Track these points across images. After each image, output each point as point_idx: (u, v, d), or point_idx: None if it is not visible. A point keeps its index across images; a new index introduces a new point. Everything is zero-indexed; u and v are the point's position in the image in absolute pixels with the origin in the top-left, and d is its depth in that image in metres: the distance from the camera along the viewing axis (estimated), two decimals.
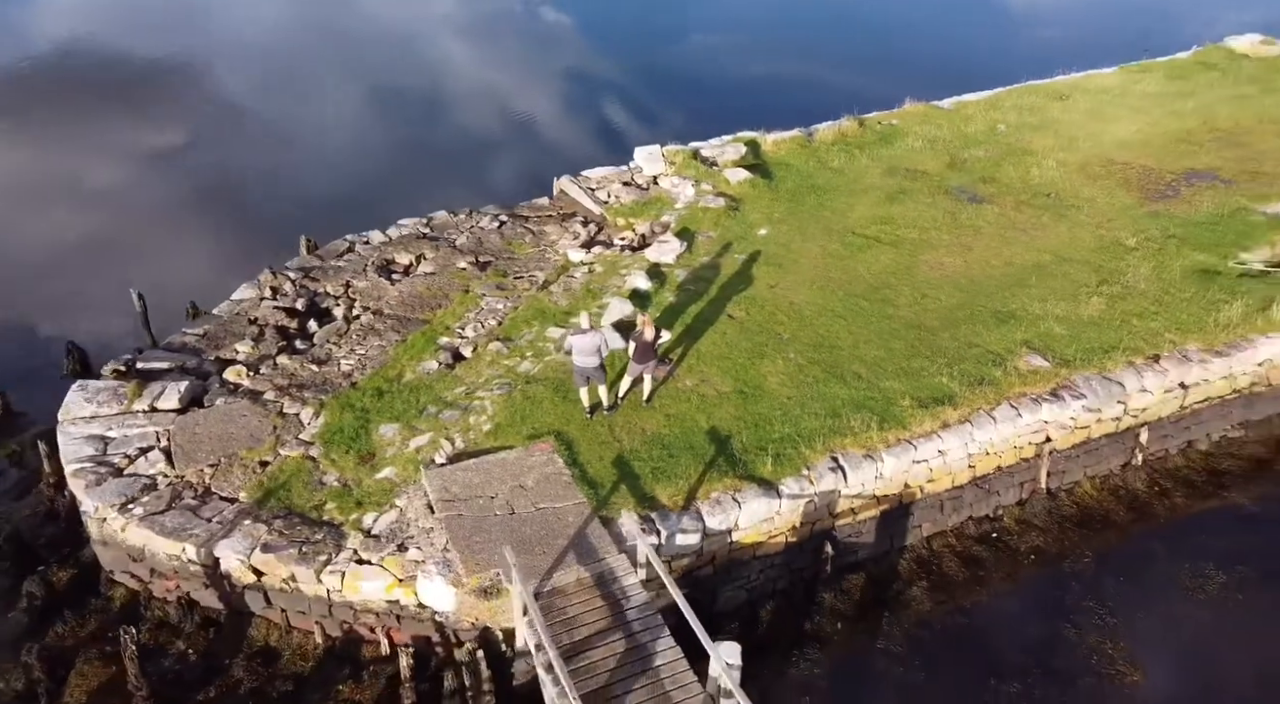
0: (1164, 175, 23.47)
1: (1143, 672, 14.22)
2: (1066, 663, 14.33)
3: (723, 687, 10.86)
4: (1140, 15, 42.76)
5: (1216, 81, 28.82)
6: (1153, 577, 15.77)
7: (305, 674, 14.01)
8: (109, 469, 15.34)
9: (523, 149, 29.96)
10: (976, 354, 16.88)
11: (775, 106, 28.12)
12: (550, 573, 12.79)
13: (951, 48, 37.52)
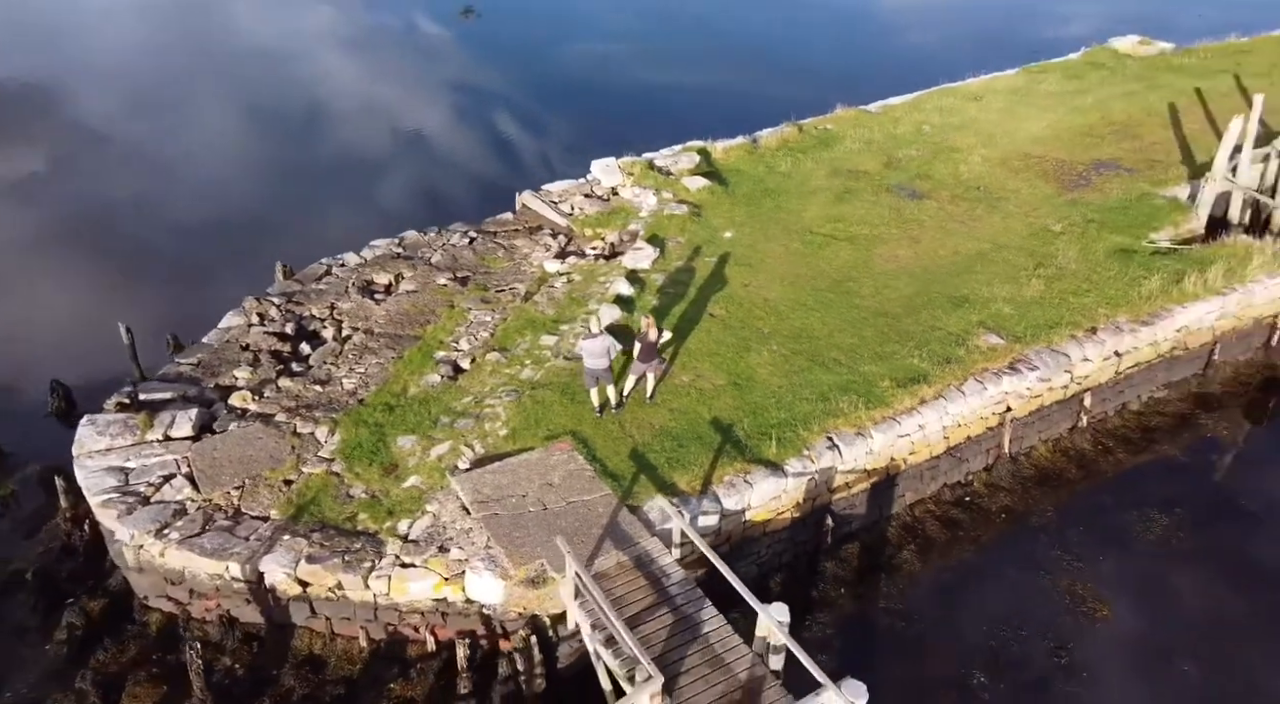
0: (1075, 166, 25.81)
1: (1109, 607, 16.07)
2: (1044, 606, 16.07)
3: (772, 643, 12.13)
4: (1030, 20, 45.91)
5: (1107, 79, 31.55)
6: (1107, 525, 17.70)
7: (354, 677, 14.72)
8: (137, 498, 15.71)
9: (475, 168, 30.76)
10: (939, 336, 18.60)
11: (713, 116, 29.71)
12: (592, 559, 13.85)
13: (869, 56, 39.80)
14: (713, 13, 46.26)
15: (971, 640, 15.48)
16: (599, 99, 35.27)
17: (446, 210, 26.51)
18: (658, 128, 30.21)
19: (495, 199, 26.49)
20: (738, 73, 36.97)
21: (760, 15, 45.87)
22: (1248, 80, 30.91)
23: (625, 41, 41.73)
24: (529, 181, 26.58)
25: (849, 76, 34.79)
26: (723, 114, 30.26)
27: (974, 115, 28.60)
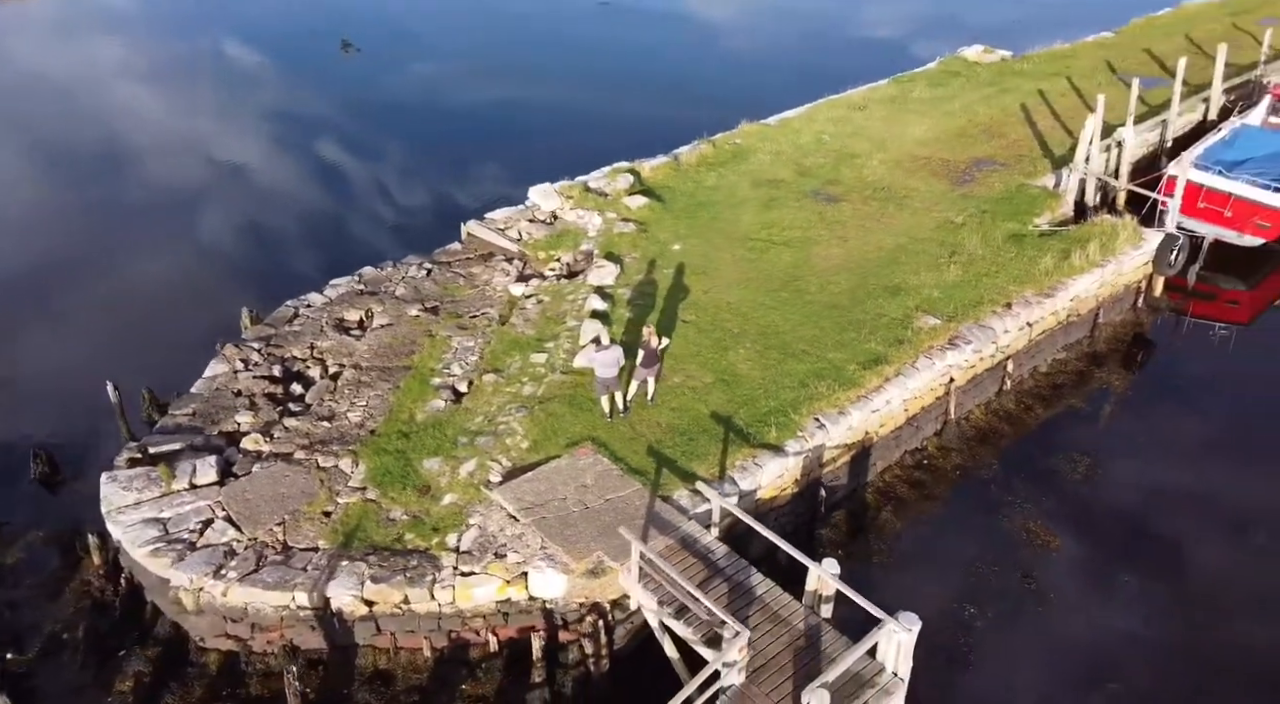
0: (958, 165, 29.15)
1: (1058, 537, 18.89)
2: (1007, 544, 18.72)
3: (823, 594, 14.11)
4: (887, 36, 50.15)
5: (965, 86, 35.37)
6: (1041, 470, 20.62)
7: (424, 684, 15.77)
8: (183, 544, 16.25)
9: (412, 202, 31.65)
10: (886, 322, 21.13)
11: (626, 139, 31.53)
12: None
13: (756, 75, 42.62)
14: (597, 42, 48.28)
15: (954, 581, 17.90)
16: (516, 129, 36.60)
17: (394, 245, 27.40)
18: (577, 153, 31.85)
19: (439, 230, 27.51)
20: (640, 97, 39.12)
21: (642, 41, 48.23)
22: (1077, 81, 35.34)
23: (521, 72, 43.14)
24: (467, 212, 27.69)
25: (742, 95, 37.36)
26: (636, 137, 32.13)
27: (862, 123, 31.66)
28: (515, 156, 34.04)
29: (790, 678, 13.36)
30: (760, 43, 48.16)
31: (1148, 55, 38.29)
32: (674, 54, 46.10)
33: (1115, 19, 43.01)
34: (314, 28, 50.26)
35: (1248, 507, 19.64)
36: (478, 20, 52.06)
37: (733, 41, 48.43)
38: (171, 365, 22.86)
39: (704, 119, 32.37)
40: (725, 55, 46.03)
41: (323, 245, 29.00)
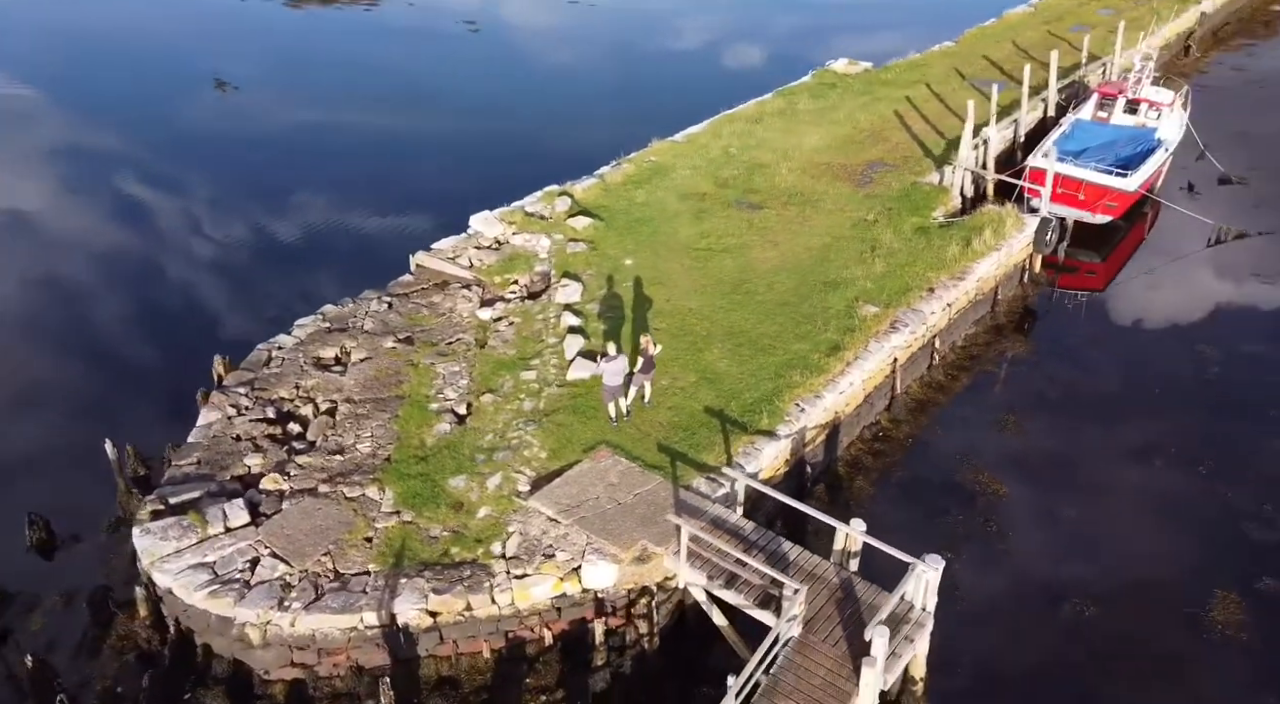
0: (855, 168, 32.24)
1: (1003, 483, 21.82)
2: (964, 495, 21.47)
3: (851, 550, 16.28)
4: (761, 53, 53.57)
5: (842, 96, 38.70)
6: (977, 429, 23.60)
7: (488, 683, 16.99)
8: (239, 583, 16.84)
9: (349, 241, 32.07)
10: (833, 313, 23.62)
11: (548, 163, 33.26)
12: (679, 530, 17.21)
13: (648, 94, 44.88)
14: (485, 69, 49.42)
15: (929, 532, 20.37)
16: (430, 160, 37.44)
17: (343, 283, 27.88)
18: (497, 180, 33.21)
19: (384, 264, 28.22)
20: (542, 122, 40.65)
21: (524, 68, 49.81)
22: (935, 87, 39.29)
23: (409, 103, 43.89)
24: (405, 244, 28.62)
25: (641, 115, 39.50)
26: (552, 161, 33.88)
27: (762, 135, 34.36)
28: (437, 188, 35.00)
29: (839, 624, 15.44)
30: (645, 65, 50.45)
31: (987, 61, 42.82)
32: (559, 81, 47.78)
33: (951, 29, 47.73)
34: (176, 68, 49.10)
35: (1142, 436, 23.19)
36: (343, 52, 52.11)
37: (616, 64, 50.52)
38: (149, 420, 23.06)
39: (610, 140, 34.31)
40: (611, 78, 48.08)
41: (271, 289, 29.22)
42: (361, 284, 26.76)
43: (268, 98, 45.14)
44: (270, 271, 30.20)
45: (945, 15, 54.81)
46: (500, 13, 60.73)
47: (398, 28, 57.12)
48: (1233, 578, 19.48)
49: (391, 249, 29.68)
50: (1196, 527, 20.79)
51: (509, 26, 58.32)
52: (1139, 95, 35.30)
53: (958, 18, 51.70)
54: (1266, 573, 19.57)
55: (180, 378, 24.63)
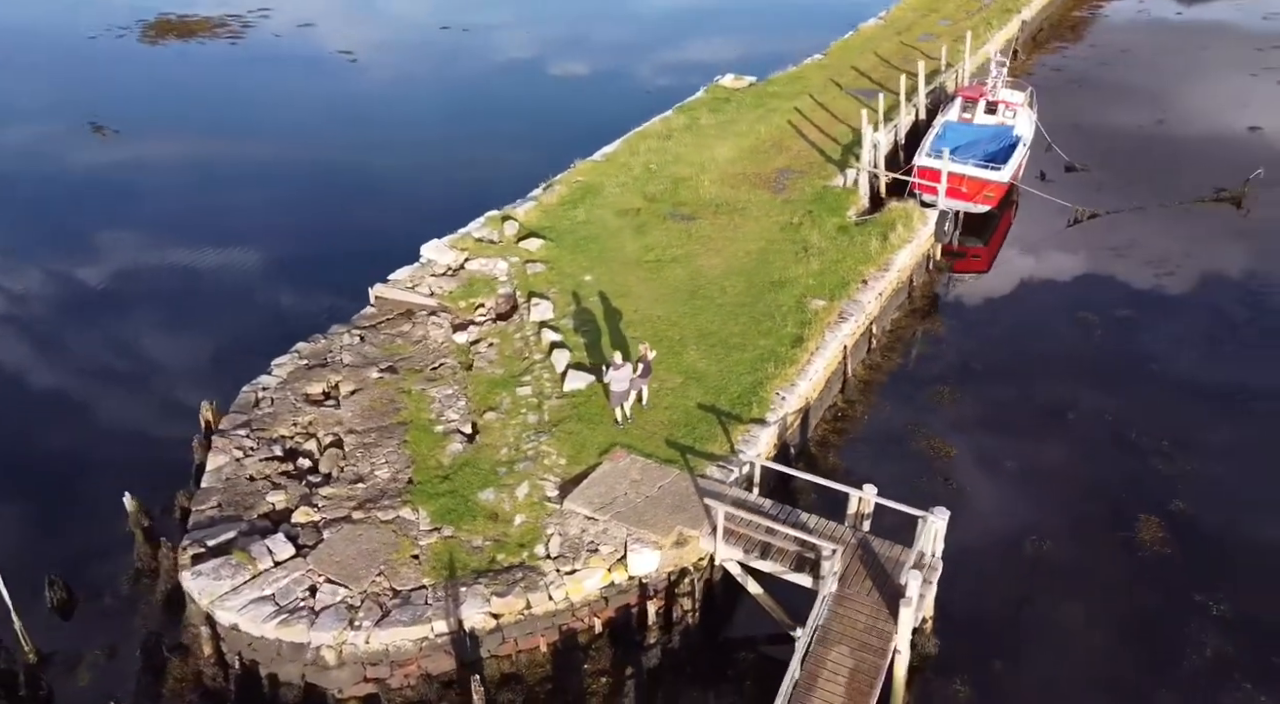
0: (768, 176, 34.98)
1: (951, 446, 24.74)
2: (922, 459, 24.21)
3: (864, 512, 18.60)
4: (650, 71, 55.93)
5: (738, 109, 41.50)
6: (918, 401, 26.48)
7: (550, 675, 18.39)
8: (305, 610, 17.63)
9: (287, 278, 32.23)
10: (787, 310, 26.05)
11: (479, 191, 34.50)
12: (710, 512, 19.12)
13: (556, 117, 46.49)
14: (381, 102, 49.81)
15: (899, 496, 22.98)
16: (358, 196, 37.85)
17: (303, 321, 28.25)
18: (432, 209, 34.44)
19: (339, 299, 28.96)
20: (459, 152, 41.68)
21: (423, 101, 50.53)
22: (818, 97, 42.69)
23: (296, 138, 44.02)
24: (353, 277, 29.46)
25: (549, 137, 41.29)
26: (482, 186, 35.16)
27: (676, 150, 36.65)
28: (369, 221, 35.59)
29: (866, 576, 17.70)
30: (535, 88, 51.95)
31: (856, 71, 46.69)
32: (459, 109, 48.75)
33: (817, 42, 51.62)
34: (43, 114, 47.26)
35: (1053, 394, 26.59)
36: (222, 88, 51.37)
37: (508, 88, 51.75)
38: (139, 472, 23.06)
39: (529, 162, 36.00)
40: (506, 102, 49.34)
41: (233, 334, 29.17)
42: (319, 320, 27.44)
43: (154, 140, 44.20)
44: (225, 316, 30.13)
45: (809, 25, 59.17)
46: (374, 42, 60.82)
47: (271, 60, 56.64)
48: (1150, 504, 22.89)
49: (341, 284, 30.32)
50: (1113, 465, 24.24)
51: (388, 56, 58.59)
52: (997, 97, 39.61)
53: (821, 26, 56.02)
54: (1175, 497, 23.10)
55: (161, 427, 24.86)
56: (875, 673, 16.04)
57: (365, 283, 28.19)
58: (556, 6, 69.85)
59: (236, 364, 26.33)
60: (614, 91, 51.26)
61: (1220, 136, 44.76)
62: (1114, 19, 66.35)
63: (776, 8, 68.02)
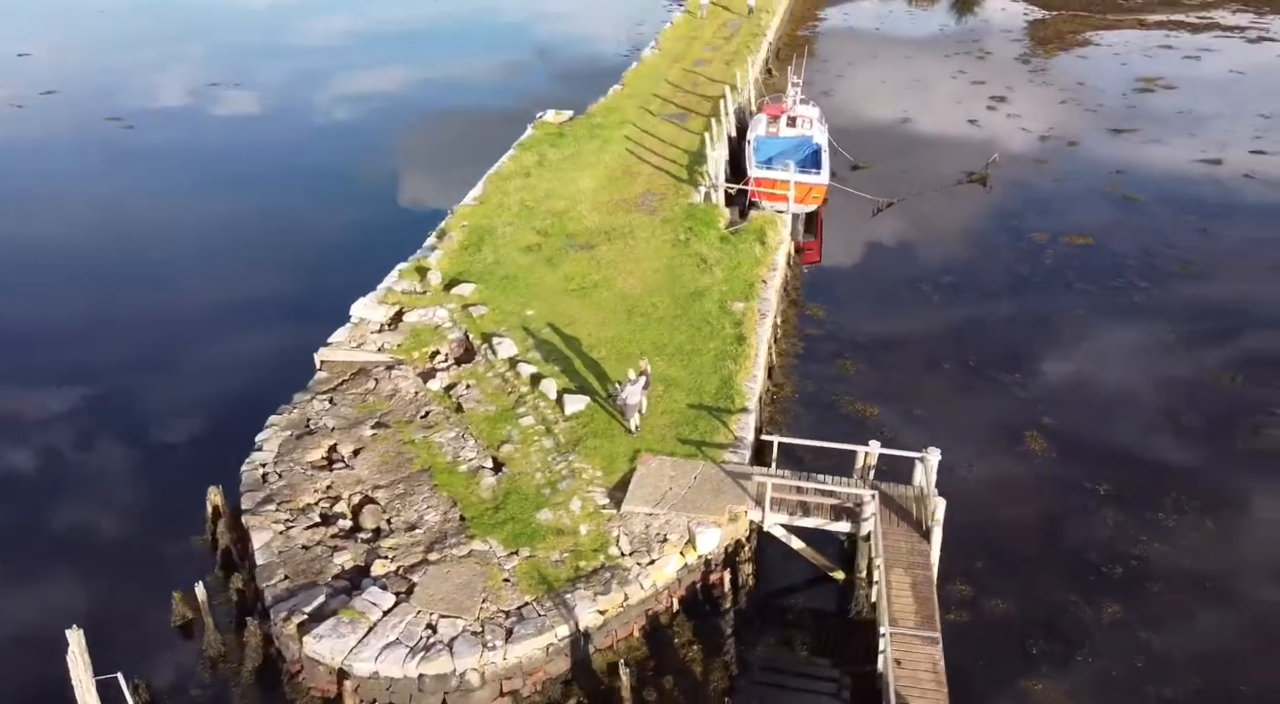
0: (635, 200, 38.63)
1: (873, 407, 29.62)
2: (854, 421, 28.72)
3: (870, 465, 22.75)
4: (475, 111, 57.41)
5: (575, 142, 44.66)
6: (830, 375, 31.17)
7: (648, 654, 20.99)
8: (438, 644, 19.11)
9: (219, 355, 31.52)
10: (716, 315, 29.79)
11: (351, 249, 35.63)
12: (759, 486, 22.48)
13: (369, 164, 47.28)
14: None
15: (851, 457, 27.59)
16: (234, 266, 37.15)
17: (251, 397, 28.30)
18: (326, 268, 35.00)
19: (279, 370, 29.30)
20: (302, 208, 41.84)
21: (243, 162, 49.33)
22: (639, 124, 46.98)
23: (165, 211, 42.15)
24: (280, 346, 30.08)
25: (386, 184, 42.65)
26: (362, 246, 36.23)
27: (543, 186, 39.36)
28: (261, 289, 35.36)
29: (892, 513, 21.83)
30: (336, 137, 52.32)
31: (659, 98, 51.55)
32: (274, 167, 48.33)
33: (609, 75, 56.05)
34: None
35: (928, 350, 32.31)
36: None
37: (301, 140, 51.78)
38: (158, 564, 22.92)
39: (390, 217, 37.58)
40: (310, 156, 49.52)
41: (186, 418, 28.53)
42: (268, 395, 27.77)
43: None
44: (176, 409, 29.14)
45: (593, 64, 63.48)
46: (143, 107, 57.74)
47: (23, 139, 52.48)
48: (1027, 423, 28.88)
49: (270, 355, 30.59)
50: (992, 399, 30.18)
51: (167, 118, 55.95)
52: (796, 112, 45.77)
53: (604, 61, 60.50)
54: (1046, 414, 29.27)
55: (161, 519, 24.50)
56: (929, 584, 20.22)
57: (295, 351, 28.94)
58: (320, 62, 69.48)
59: (212, 449, 26.38)
60: (427, 133, 52.82)
61: (952, 130, 54.08)
62: (830, 36, 76.44)
63: None
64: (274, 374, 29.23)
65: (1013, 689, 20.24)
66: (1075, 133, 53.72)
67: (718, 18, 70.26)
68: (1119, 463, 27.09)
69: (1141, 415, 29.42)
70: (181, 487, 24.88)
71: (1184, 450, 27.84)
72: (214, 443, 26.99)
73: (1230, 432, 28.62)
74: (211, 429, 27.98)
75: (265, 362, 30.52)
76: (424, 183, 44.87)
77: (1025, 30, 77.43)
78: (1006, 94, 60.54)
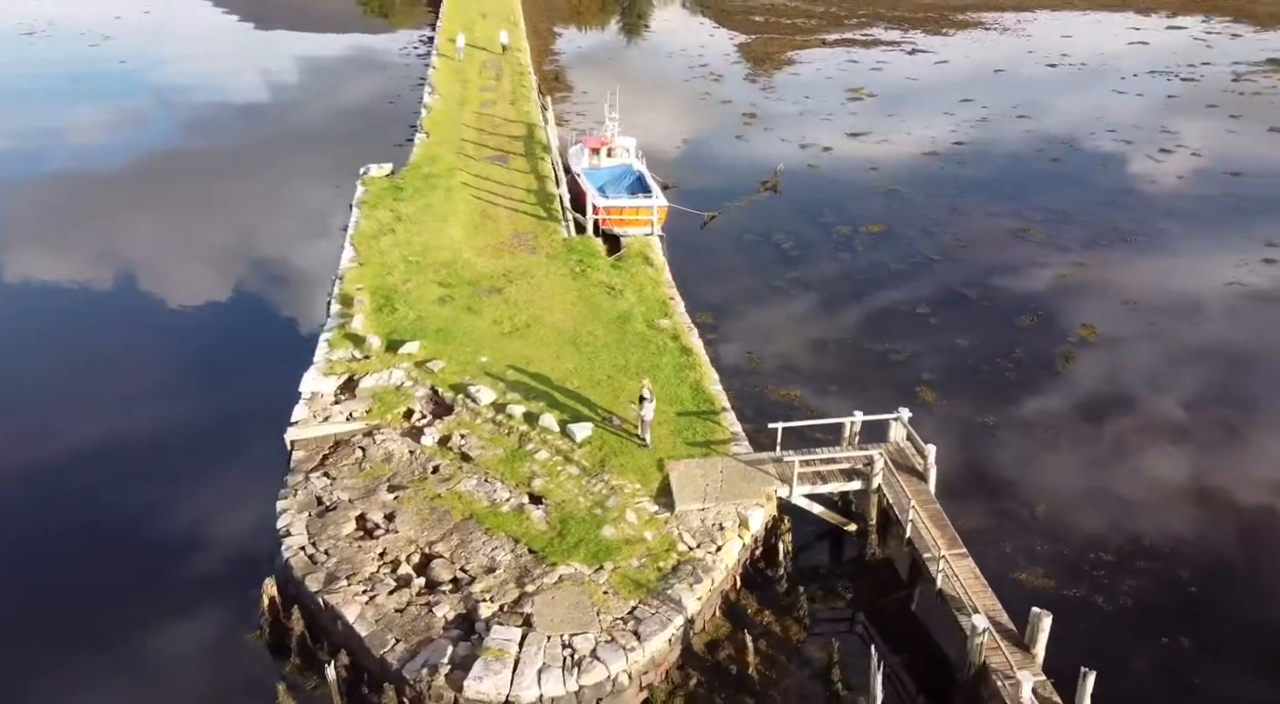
0: (510, 242, 40.73)
1: (794, 389, 34.39)
2: (784, 406, 33.48)
3: (855, 431, 27.29)
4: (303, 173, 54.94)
5: (420, 194, 45.11)
6: (745, 367, 35.69)
7: (728, 630, 24.03)
8: (586, 658, 21.08)
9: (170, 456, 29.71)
10: (648, 334, 33.12)
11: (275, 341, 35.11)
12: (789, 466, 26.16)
13: None
14: None
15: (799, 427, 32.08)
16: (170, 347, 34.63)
17: (236, 490, 27.74)
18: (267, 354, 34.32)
19: (245, 461, 28.89)
20: None
21: None
22: (470, 171, 48.89)
23: None
24: (222, 437, 29.85)
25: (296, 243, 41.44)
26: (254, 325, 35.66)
27: (417, 240, 40.30)
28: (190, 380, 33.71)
29: (891, 459, 26.38)
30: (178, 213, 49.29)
31: (473, 143, 53.51)
32: None
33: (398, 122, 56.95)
34: None
35: (813, 332, 37.79)
36: None
37: None
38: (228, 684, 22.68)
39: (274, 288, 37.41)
40: None
41: (170, 523, 27.17)
42: (248, 485, 27.66)
43: None
44: (165, 519, 27.54)
45: None
46: None
47: None
48: (916, 379, 34.99)
49: (230, 445, 29.97)
50: (880, 367, 36.03)
51: None
52: (615, 144, 49.86)
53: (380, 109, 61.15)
54: (927, 372, 35.58)
55: (199, 631, 23.88)
56: (941, 515, 25.08)
57: (248, 440, 28.99)
58: None
59: (226, 547, 25.88)
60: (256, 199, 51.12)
61: (726, 147, 60.76)
62: (575, 68, 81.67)
63: None
64: (241, 468, 28.84)
65: None
66: (824, 139, 62.13)
67: (475, 58, 72.75)
68: (1026, 336, 33.79)
69: (983, 355, 36.43)
70: (198, 594, 24.48)
71: (1029, 341, 35.20)
72: (227, 541, 26.29)
73: None
74: (212, 531, 27.08)
75: (226, 462, 29.62)
76: (272, 255, 43.90)
77: (739, 52, 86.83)
78: (754, 110, 68.43)
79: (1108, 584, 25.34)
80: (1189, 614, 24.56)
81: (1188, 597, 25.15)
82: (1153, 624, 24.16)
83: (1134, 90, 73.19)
